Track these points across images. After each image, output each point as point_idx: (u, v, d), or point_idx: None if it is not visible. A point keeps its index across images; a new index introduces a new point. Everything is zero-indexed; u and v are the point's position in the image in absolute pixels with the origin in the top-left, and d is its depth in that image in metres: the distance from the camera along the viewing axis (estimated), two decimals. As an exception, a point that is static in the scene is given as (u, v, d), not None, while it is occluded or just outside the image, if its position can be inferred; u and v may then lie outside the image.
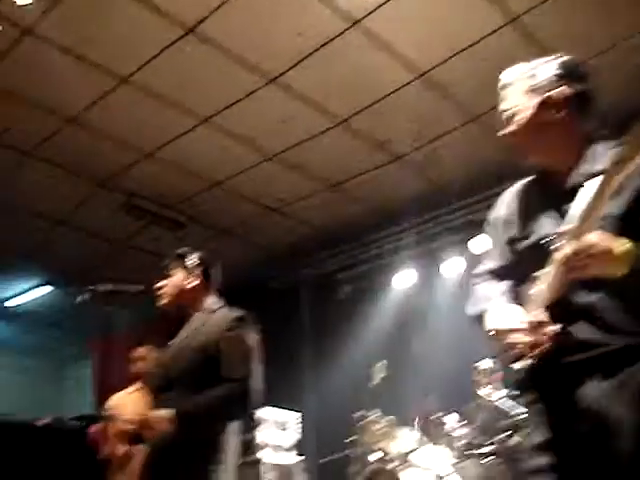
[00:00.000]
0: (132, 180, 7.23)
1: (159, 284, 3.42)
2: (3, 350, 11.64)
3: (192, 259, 3.49)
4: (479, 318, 2.25)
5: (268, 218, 7.92)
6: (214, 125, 6.37)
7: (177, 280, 3.43)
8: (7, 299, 10.09)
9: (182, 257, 3.50)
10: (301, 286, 8.79)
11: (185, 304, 3.42)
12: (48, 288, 9.71)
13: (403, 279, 7.85)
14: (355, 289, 8.23)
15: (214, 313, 3.36)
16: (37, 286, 9.70)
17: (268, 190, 7.44)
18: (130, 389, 4.83)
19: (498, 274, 2.34)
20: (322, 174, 7.18)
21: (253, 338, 3.29)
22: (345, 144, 6.61)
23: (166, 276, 3.46)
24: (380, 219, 7.79)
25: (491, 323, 2.18)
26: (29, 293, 9.89)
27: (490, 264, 2.37)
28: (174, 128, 6.44)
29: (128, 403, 4.39)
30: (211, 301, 3.43)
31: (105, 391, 4.08)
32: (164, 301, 3.41)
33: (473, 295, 2.36)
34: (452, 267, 7.51)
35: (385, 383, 5.96)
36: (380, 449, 5.95)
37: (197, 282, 3.44)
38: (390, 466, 5.67)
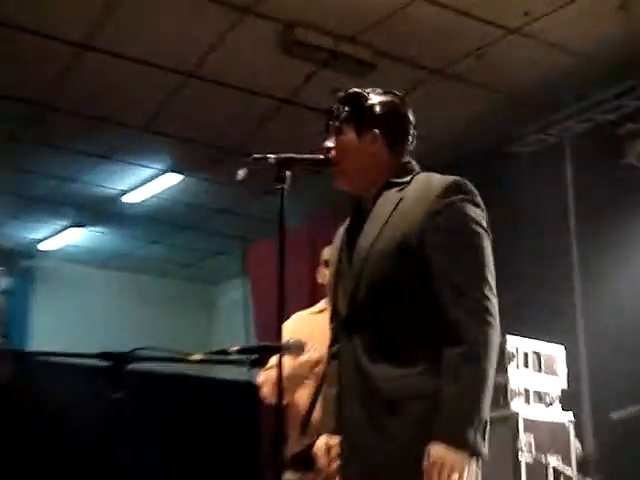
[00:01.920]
0: (290, 3, 7.09)
1: (324, 146, 3.32)
2: (128, 269, 12.89)
3: (370, 106, 3.32)
4: None
5: (504, 44, 7.45)
6: None
7: (349, 140, 3.30)
8: (124, 193, 10.47)
9: (355, 105, 3.32)
10: (562, 148, 8.42)
11: (364, 177, 3.32)
12: (176, 177, 9.94)
13: None
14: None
15: (409, 187, 3.23)
16: (158, 174, 9.96)
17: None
18: (315, 308, 4.83)
19: None
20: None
21: (478, 218, 3.14)
22: None
23: (334, 134, 3.32)
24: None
25: None
26: (150, 184, 10.17)
27: None
28: None
29: (314, 329, 4.36)
30: (404, 171, 3.31)
31: (271, 316, 3.70)
32: (334, 174, 3.33)
33: None
34: None
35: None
36: None
37: (380, 143, 3.31)
38: None
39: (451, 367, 2.95)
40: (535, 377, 6.68)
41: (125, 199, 10.66)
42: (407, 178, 3.26)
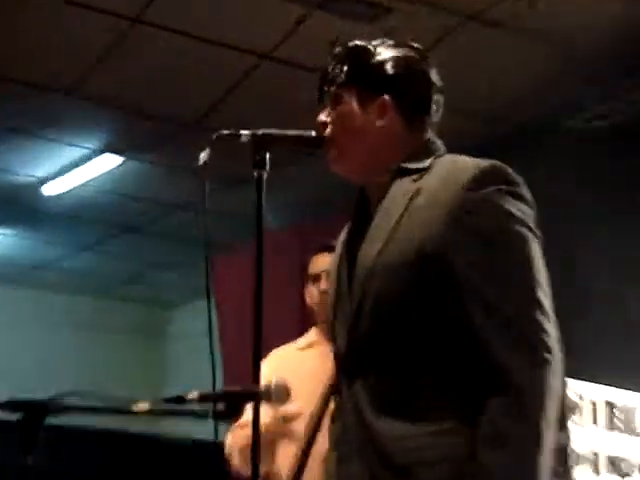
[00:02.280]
0: None
1: (318, 119, 3.32)
2: (48, 286, 13.14)
3: (378, 64, 3.27)
4: None
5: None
6: None
7: (350, 111, 3.28)
8: (42, 181, 10.28)
9: (358, 62, 3.29)
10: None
11: (370, 161, 3.30)
12: (113, 159, 9.78)
13: None
14: None
15: (428, 175, 3.17)
16: (90, 156, 9.76)
17: None
18: (301, 341, 4.97)
19: None
20: None
21: (523, 216, 3.03)
22: None
23: (330, 103, 3.31)
24: None
25: None
26: (78, 169, 9.93)
27: None
28: None
29: (299, 370, 4.48)
30: (424, 152, 3.26)
31: (244, 350, 3.89)
32: (330, 157, 3.29)
33: None
34: None
35: None
36: None
37: (391, 113, 3.25)
38: None
39: (491, 425, 2.81)
40: (607, 437, 6.69)
41: (44, 190, 10.47)
42: (426, 162, 3.19)
